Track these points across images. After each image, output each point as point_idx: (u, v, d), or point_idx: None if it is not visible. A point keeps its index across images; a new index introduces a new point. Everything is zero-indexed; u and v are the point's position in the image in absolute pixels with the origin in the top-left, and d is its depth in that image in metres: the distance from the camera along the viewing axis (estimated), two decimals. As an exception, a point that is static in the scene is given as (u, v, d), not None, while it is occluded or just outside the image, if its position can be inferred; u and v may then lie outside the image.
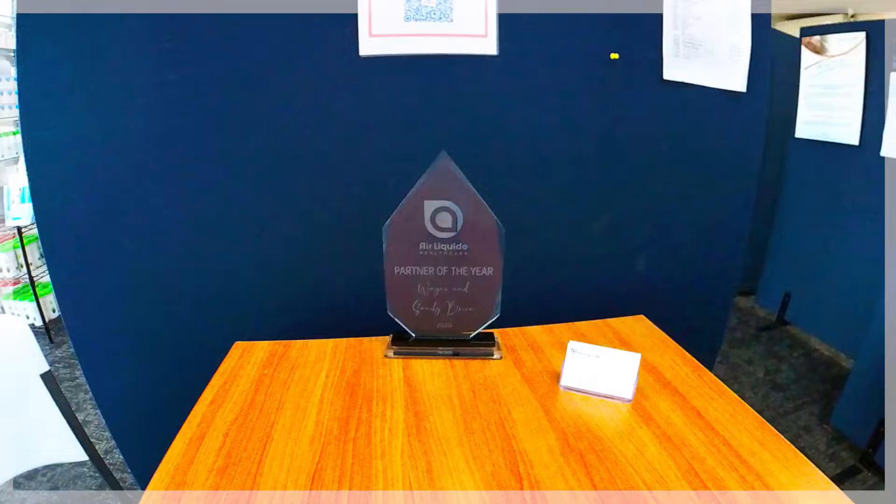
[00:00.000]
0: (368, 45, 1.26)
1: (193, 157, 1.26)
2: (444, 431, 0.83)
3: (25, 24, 1.12)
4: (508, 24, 1.35)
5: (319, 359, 1.00)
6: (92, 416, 2.36)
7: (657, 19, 1.55)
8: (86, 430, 1.37)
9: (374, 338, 1.10)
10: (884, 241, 2.40)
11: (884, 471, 2.30)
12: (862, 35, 3.04)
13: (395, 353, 1.03)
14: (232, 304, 1.39)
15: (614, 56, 1.50)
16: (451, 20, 1.30)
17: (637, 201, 1.68)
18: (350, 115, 1.32)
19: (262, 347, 1.04)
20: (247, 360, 0.99)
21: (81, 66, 1.17)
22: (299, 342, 1.06)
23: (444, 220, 0.99)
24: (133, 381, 1.43)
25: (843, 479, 2.33)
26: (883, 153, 2.93)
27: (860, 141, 3.10)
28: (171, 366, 1.40)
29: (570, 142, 1.53)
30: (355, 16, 1.24)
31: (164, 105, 1.20)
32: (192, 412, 0.84)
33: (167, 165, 1.25)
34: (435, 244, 1.00)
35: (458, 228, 1.00)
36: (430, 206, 0.98)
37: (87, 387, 1.62)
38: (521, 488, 0.72)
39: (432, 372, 0.99)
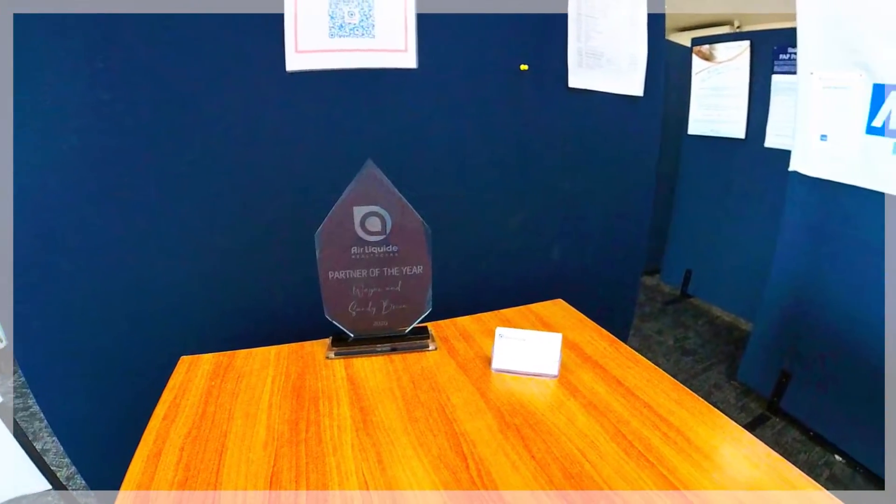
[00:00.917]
0: (295, 61, 1.25)
1: (128, 176, 1.21)
2: (390, 423, 0.84)
3: (-44, 46, 1.04)
4: (427, 39, 1.38)
5: (264, 366, 0.99)
6: (50, 444, 2.17)
7: (563, 33, 1.64)
8: (45, 458, 1.27)
9: (314, 341, 1.09)
10: (773, 221, 2.61)
11: (789, 416, 2.52)
12: (746, 43, 3.33)
13: (335, 354, 1.03)
14: (175, 319, 1.34)
15: (524, 67, 1.57)
16: (374, 36, 1.32)
17: (549, 198, 1.77)
18: (279, 129, 1.30)
19: (208, 360, 1.01)
20: (194, 373, 0.96)
21: (15, 88, 1.09)
22: (243, 351, 1.04)
23: (374, 224, 1.00)
24: (86, 404, 1.35)
25: (754, 427, 2.52)
26: (767, 144, 3.25)
27: (746, 135, 3.40)
28: (121, 385, 1.33)
29: (487, 146, 1.58)
30: (282, 33, 1.23)
31: (98, 125, 1.14)
32: (147, 429, 0.81)
33: (103, 185, 1.19)
34: (366, 247, 1.01)
35: (387, 231, 1.01)
36: (359, 211, 0.98)
37: (42, 415, 1.50)
38: (467, 467, 0.75)
39: (373, 368, 1.00)
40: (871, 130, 2.08)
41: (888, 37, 1.98)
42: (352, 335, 1.06)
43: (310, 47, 1.26)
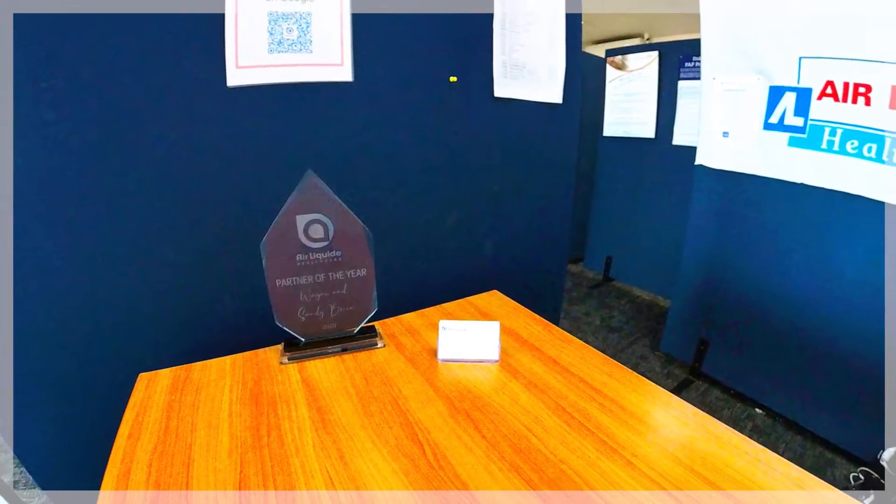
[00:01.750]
0: (235, 76, 1.23)
1: (75, 196, 1.13)
2: (347, 419, 0.84)
3: None
4: (362, 53, 1.38)
5: (221, 376, 0.97)
6: (18, 474, 1.98)
7: (488, 47, 1.69)
8: (15, 490, 1.17)
9: (267, 348, 1.08)
10: (682, 209, 2.79)
11: (710, 378, 2.70)
12: (655, 53, 3.56)
13: (289, 359, 1.02)
14: (130, 337, 1.27)
15: (453, 79, 1.62)
16: (311, 51, 1.31)
17: (480, 198, 1.82)
18: (222, 143, 1.27)
19: (166, 375, 0.97)
20: (153, 389, 0.92)
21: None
22: (199, 363, 1.01)
23: (317, 231, 1.00)
24: (50, 430, 1.26)
25: (679, 390, 2.67)
26: (674, 142, 3.50)
27: (656, 135, 3.63)
28: (83, 408, 1.25)
29: (420, 153, 1.61)
30: (223, 49, 1.20)
31: (43, 146, 1.07)
32: (114, 449, 0.77)
33: (50, 206, 1.12)
34: (310, 254, 1.01)
35: (330, 237, 1.01)
36: (301, 220, 0.98)
37: (6, 446, 1.38)
38: (424, 453, 0.77)
39: (326, 369, 1.00)
40: (768, 126, 2.29)
41: (782, 46, 2.17)
42: (303, 339, 1.05)
43: (250, 63, 1.24)
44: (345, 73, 1.37)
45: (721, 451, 0.84)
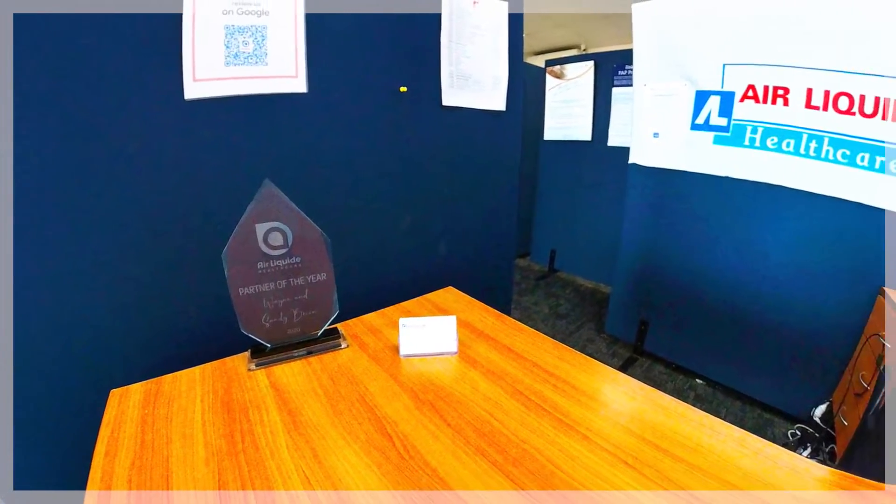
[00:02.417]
0: (193, 89, 1.20)
1: (38, 213, 1.06)
2: (317, 419, 0.84)
3: None
4: (316, 65, 1.37)
5: (191, 387, 0.93)
6: None
7: (436, 58, 1.72)
8: None
9: (234, 356, 1.05)
10: (618, 203, 2.93)
11: (653, 355, 2.84)
12: (591, 63, 3.71)
13: (256, 365, 1.00)
14: (99, 354, 1.21)
15: (403, 89, 1.63)
16: (267, 63, 1.29)
17: (432, 201, 1.84)
18: (181, 155, 1.23)
19: (137, 389, 0.93)
20: (126, 404, 0.88)
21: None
22: (169, 376, 0.97)
23: (276, 239, 0.99)
24: (27, 455, 1.16)
25: (625, 368, 2.79)
26: (609, 144, 3.66)
27: (592, 137, 3.79)
28: (58, 429, 1.17)
29: (374, 160, 1.61)
30: (180, 62, 1.17)
31: (2, 162, 1.01)
32: (92, 468, 0.73)
33: (9, 225, 1.05)
34: (271, 261, 0.99)
35: (290, 244, 1.00)
36: (261, 228, 0.96)
37: None
38: (394, 445, 0.78)
39: (293, 372, 0.99)
40: (695, 127, 2.44)
41: (707, 54, 2.32)
42: (269, 345, 1.03)
43: (207, 76, 1.21)
44: (299, 85, 1.36)
45: (668, 420, 0.89)
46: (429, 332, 1.08)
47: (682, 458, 0.79)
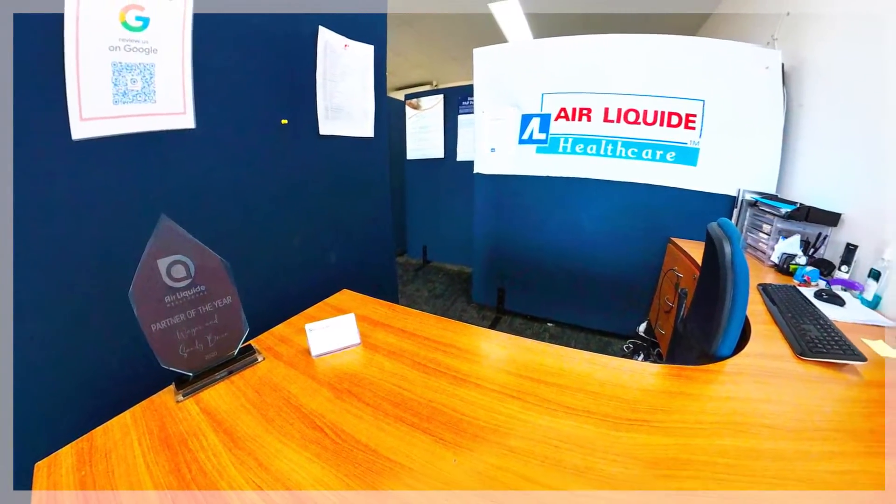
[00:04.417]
0: (80, 129, 1.00)
1: None
2: (253, 431, 0.79)
3: None
4: (203, 101, 1.25)
5: (125, 433, 0.80)
6: None
7: (312, 94, 1.69)
8: None
9: (160, 392, 0.92)
10: (469, 204, 3.18)
11: (512, 312, 3.19)
12: (441, 96, 3.94)
13: (183, 396, 0.90)
14: (10, 428, 0.94)
15: (284, 122, 1.57)
16: (155, 101, 1.14)
17: (318, 218, 1.80)
18: (72, 197, 1.01)
19: (66, 453, 0.75)
20: (57, 474, 0.71)
21: None
22: (100, 428, 0.81)
23: (179, 271, 0.90)
24: None
25: (494, 325, 3.05)
26: (458, 159, 3.96)
27: (444, 155, 4.04)
28: None
29: (262, 186, 1.52)
30: (65, 101, 0.97)
31: None
32: None
33: None
34: (177, 294, 0.90)
35: (193, 275, 0.92)
36: (163, 263, 0.87)
37: None
38: (326, 435, 0.77)
39: (219, 394, 0.91)
40: (522, 141, 2.78)
41: (529, 87, 2.68)
42: (191, 374, 0.94)
43: (95, 115, 1.02)
44: (188, 121, 1.23)
45: (534, 357, 1.01)
46: (333, 331, 1.08)
47: (552, 382, 0.91)
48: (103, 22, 1.02)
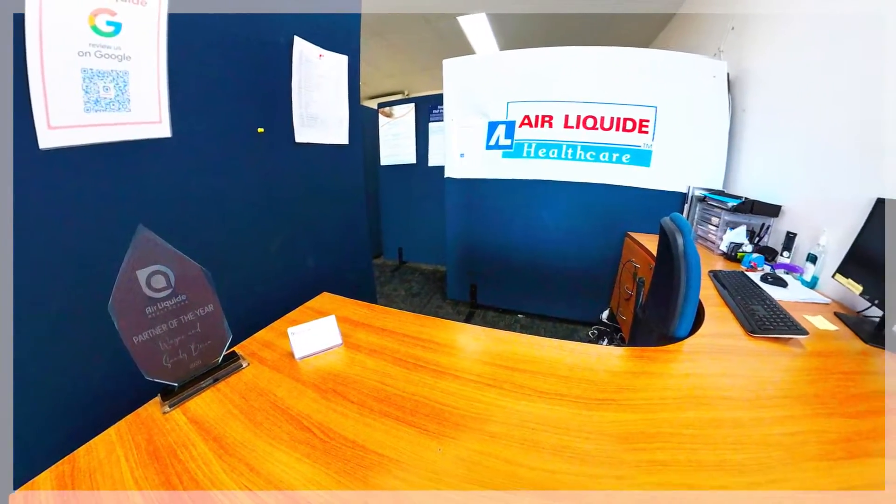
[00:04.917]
0: (48, 138, 0.93)
1: None
2: (242, 437, 0.77)
3: None
4: (179, 110, 1.20)
5: (111, 450, 0.75)
6: None
7: (288, 102, 1.66)
8: None
9: (146, 404, 0.87)
10: (440, 206, 3.20)
11: (485, 306, 3.25)
12: (412, 105, 3.96)
13: (170, 407, 0.86)
14: None
15: (261, 130, 1.54)
16: (130, 110, 1.08)
17: (296, 223, 1.77)
18: (44, 209, 0.94)
19: (46, 479, 0.69)
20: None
21: None
22: (83, 448, 0.76)
23: (159, 281, 0.86)
24: None
25: (469, 319, 3.08)
26: (430, 164, 3.98)
27: (416, 161, 4.06)
28: None
29: (240, 194, 1.49)
30: (30, 109, 0.89)
31: None
32: None
33: None
34: (158, 304, 0.86)
35: (173, 284, 0.88)
36: (142, 274, 0.83)
37: None
38: (315, 434, 0.76)
39: (206, 402, 0.88)
40: (489, 147, 2.83)
41: (496, 96, 2.74)
42: (176, 384, 0.90)
43: (64, 123, 0.95)
44: (163, 130, 1.18)
45: (507, 347, 1.03)
46: (315, 333, 1.06)
47: (525, 369, 0.94)
48: (70, 25, 0.95)
